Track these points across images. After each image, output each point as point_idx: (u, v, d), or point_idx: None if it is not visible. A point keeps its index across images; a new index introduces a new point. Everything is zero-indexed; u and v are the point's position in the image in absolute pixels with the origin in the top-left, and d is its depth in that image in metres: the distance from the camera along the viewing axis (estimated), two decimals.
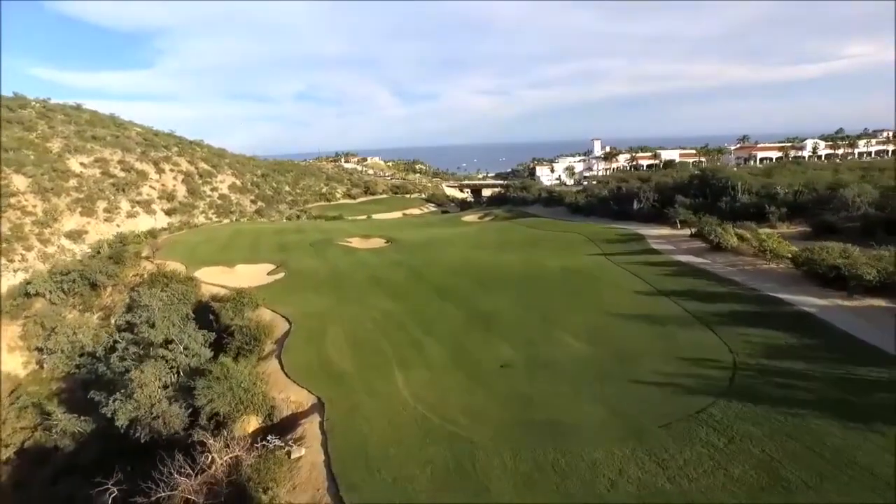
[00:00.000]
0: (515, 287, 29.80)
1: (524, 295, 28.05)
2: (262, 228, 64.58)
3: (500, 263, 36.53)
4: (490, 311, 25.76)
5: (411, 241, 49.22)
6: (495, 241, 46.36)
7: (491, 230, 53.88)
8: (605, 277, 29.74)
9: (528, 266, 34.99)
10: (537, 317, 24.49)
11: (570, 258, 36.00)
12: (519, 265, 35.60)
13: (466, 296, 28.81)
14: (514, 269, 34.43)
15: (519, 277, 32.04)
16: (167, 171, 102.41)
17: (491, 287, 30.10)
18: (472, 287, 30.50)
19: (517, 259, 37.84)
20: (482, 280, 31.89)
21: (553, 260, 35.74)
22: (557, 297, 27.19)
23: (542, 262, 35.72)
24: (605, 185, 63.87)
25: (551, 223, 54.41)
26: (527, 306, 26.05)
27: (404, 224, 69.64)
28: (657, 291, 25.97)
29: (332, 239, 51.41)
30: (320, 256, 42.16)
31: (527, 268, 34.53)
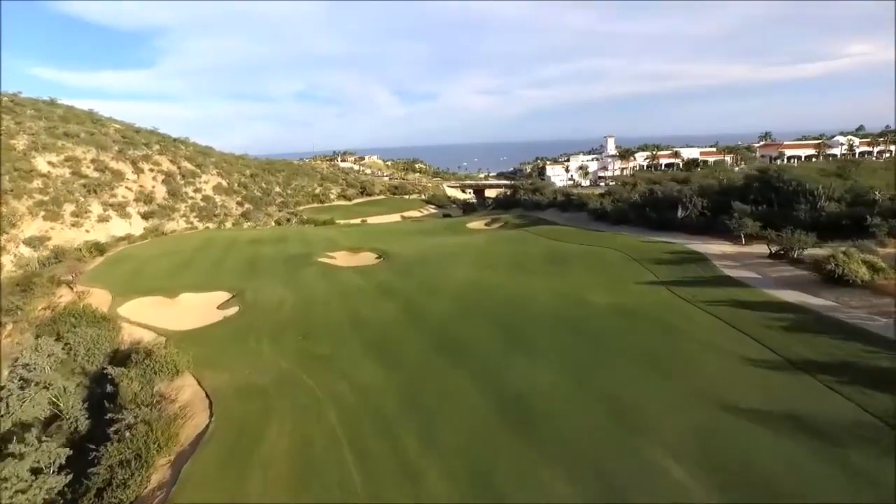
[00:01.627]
0: (554, 340, 20.17)
1: (571, 358, 18.38)
2: (238, 237, 54.96)
3: (524, 294, 26.97)
4: (525, 392, 16.05)
5: (408, 256, 39.69)
6: (510, 258, 36.82)
7: (502, 241, 44.32)
8: (687, 329, 19.95)
9: (562, 300, 25.40)
10: (602, 410, 14.75)
11: (618, 289, 26.40)
12: (550, 298, 26.02)
13: (485, 356, 19.20)
14: (546, 304, 24.81)
15: (555, 320, 22.45)
16: (146, 171, 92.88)
17: (519, 339, 20.47)
18: (491, 338, 20.90)
19: (544, 287, 28.28)
20: (505, 325, 22.31)
21: (596, 291, 26.11)
22: (624, 364, 17.45)
23: (581, 293, 26.14)
24: (632, 187, 54.27)
25: (574, 233, 44.86)
26: (581, 384, 16.35)
27: (401, 231, 60.05)
28: (786, 363, 16.16)
29: (312, 254, 41.81)
30: (292, 281, 32.57)
31: (562, 303, 24.93)
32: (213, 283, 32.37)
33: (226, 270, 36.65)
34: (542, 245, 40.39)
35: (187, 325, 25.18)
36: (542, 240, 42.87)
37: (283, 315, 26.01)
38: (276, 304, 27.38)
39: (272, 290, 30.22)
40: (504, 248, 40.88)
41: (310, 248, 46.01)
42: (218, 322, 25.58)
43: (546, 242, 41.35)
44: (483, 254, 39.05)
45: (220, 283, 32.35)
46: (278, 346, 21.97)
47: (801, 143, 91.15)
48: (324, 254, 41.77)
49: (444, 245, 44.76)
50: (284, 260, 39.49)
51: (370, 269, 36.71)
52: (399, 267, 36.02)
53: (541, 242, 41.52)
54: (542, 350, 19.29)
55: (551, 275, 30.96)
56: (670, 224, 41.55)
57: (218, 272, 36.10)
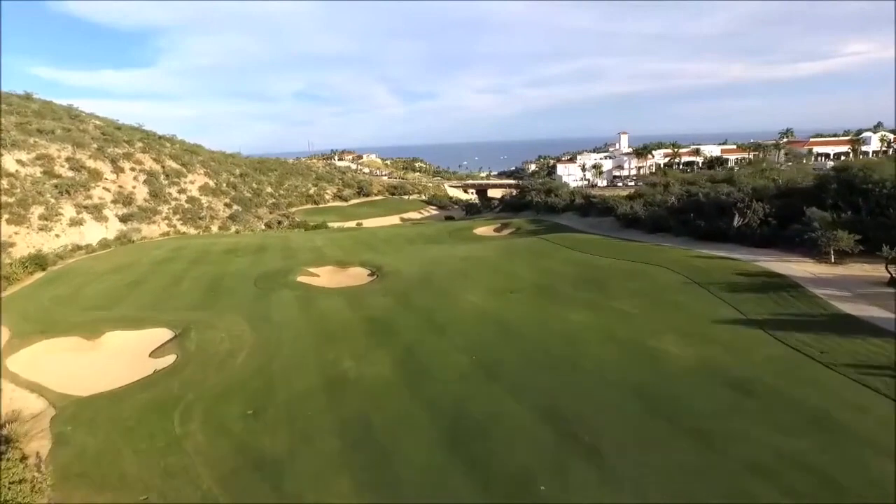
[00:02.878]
0: (633, 432, 12.62)
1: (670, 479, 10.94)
2: (212, 246, 47.31)
3: (564, 337, 19.37)
4: None
5: (407, 273, 32.12)
6: (534, 277, 29.24)
7: (519, 254, 36.71)
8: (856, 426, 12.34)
9: (621, 350, 17.75)
10: None
11: (695, 331, 18.77)
12: (601, 345, 18.46)
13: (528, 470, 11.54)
14: (600, 359, 17.06)
15: (622, 392, 14.75)
16: (127, 170, 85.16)
17: (576, 436, 12.50)
18: (533, 431, 13.10)
19: (588, 323, 20.72)
20: (549, 403, 14.56)
21: (665, 334, 18.49)
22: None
23: (644, 338, 18.53)
24: (663, 188, 46.69)
25: (604, 243, 37.29)
26: None
27: (400, 238, 52.41)
28: None
29: (292, 270, 34.13)
30: (257, 311, 24.92)
31: (623, 356, 17.26)
32: (156, 315, 24.65)
33: (179, 294, 28.98)
34: (569, 259, 32.80)
35: (97, 386, 17.54)
36: (567, 252, 35.27)
37: (233, 371, 18.35)
38: (227, 353, 19.69)
39: (228, 326, 22.52)
40: (523, 263, 33.26)
41: (290, 261, 38.36)
42: (140, 381, 17.92)
43: (573, 256, 33.77)
44: (499, 271, 31.45)
45: (165, 315, 24.62)
46: (212, 434, 14.36)
47: (831, 139, 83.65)
48: (305, 270, 34.07)
49: (449, 257, 37.15)
50: (256, 279, 31.83)
51: (360, 292, 29.05)
52: (397, 290, 28.40)
53: (567, 256, 33.93)
54: (623, 465, 11.64)
55: (593, 305, 23.34)
56: (722, 234, 34.01)
57: (169, 297, 28.39)
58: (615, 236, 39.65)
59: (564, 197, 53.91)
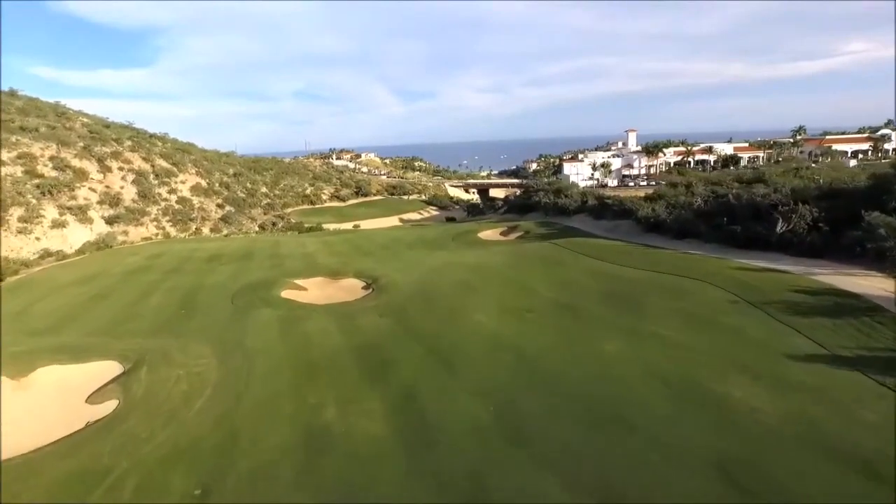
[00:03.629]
0: None
1: None
2: (195, 252, 43.30)
3: (604, 378, 15.34)
4: None
5: (407, 286, 28.15)
6: (552, 291, 25.24)
7: (532, 262, 32.69)
8: None
9: (683, 400, 13.56)
10: None
11: (769, 372, 14.68)
12: (650, 388, 14.47)
13: None
14: (654, 412, 12.92)
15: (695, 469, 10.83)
16: (115, 170, 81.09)
17: None
18: None
19: (627, 356, 16.76)
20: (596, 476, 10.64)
21: (730, 375, 14.61)
22: None
23: (703, 379, 14.60)
24: (685, 188, 42.66)
25: (626, 250, 33.29)
26: None
27: (399, 242, 48.39)
28: None
29: (276, 281, 30.13)
30: (230, 336, 20.89)
31: (685, 411, 13.09)
32: (108, 343, 20.60)
33: (144, 313, 24.95)
34: (590, 270, 28.78)
35: (8, 448, 13.55)
36: (586, 260, 31.26)
37: (185, 424, 14.32)
38: (182, 397, 15.67)
39: (190, 359, 18.50)
40: (537, 273, 29.26)
41: (277, 270, 34.34)
42: (67, 440, 13.93)
43: (594, 265, 29.75)
44: (510, 284, 27.44)
45: (119, 342, 20.58)
46: None
47: (849, 137, 79.64)
48: (292, 282, 30.06)
49: (453, 266, 33.15)
50: (235, 293, 27.80)
51: (353, 310, 25.02)
52: (394, 307, 24.40)
53: (587, 266, 29.91)
54: None
55: (629, 330, 19.33)
56: (762, 241, 29.99)
57: (131, 317, 24.35)
58: (637, 242, 35.65)
59: (576, 198, 49.85)
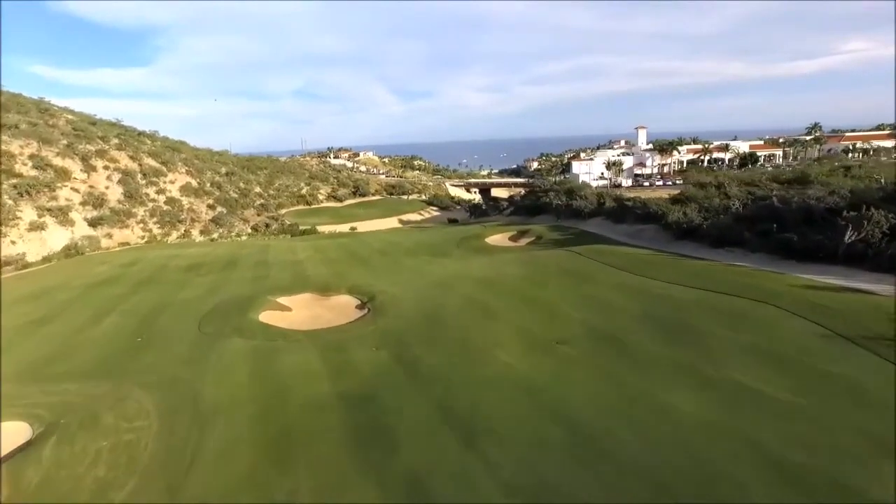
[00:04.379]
0: None
1: None
2: (173, 260, 38.59)
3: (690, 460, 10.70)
4: None
5: (409, 305, 23.53)
6: (584, 314, 20.62)
7: (551, 273, 28.05)
8: None
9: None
10: None
11: None
12: (762, 480, 10.13)
13: None
14: None
15: None
16: (100, 169, 76.39)
17: None
18: None
19: (708, 419, 12.11)
20: None
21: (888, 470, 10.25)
22: None
23: (846, 476, 10.08)
24: (715, 188, 38.07)
25: (661, 262, 28.64)
26: None
27: (399, 248, 43.75)
28: None
29: (256, 298, 25.45)
30: (184, 384, 16.17)
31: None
32: (22, 393, 15.86)
33: (88, 344, 20.25)
34: (624, 286, 24.14)
35: None
36: (616, 274, 26.62)
37: None
38: (93, 491, 11.07)
39: (121, 422, 13.80)
40: (561, 289, 24.63)
41: (261, 284, 29.66)
42: None
43: (628, 280, 25.10)
44: (532, 303, 22.81)
45: (38, 391, 15.85)
46: None
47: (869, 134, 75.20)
48: (274, 301, 25.37)
49: (461, 278, 28.54)
50: (205, 316, 23.10)
51: (344, 338, 20.35)
52: (394, 336, 19.77)
53: (620, 280, 25.27)
54: None
55: (693, 374, 14.70)
56: (824, 252, 25.43)
57: (69, 350, 19.59)
58: (670, 251, 31.03)
59: (591, 199, 45.24)
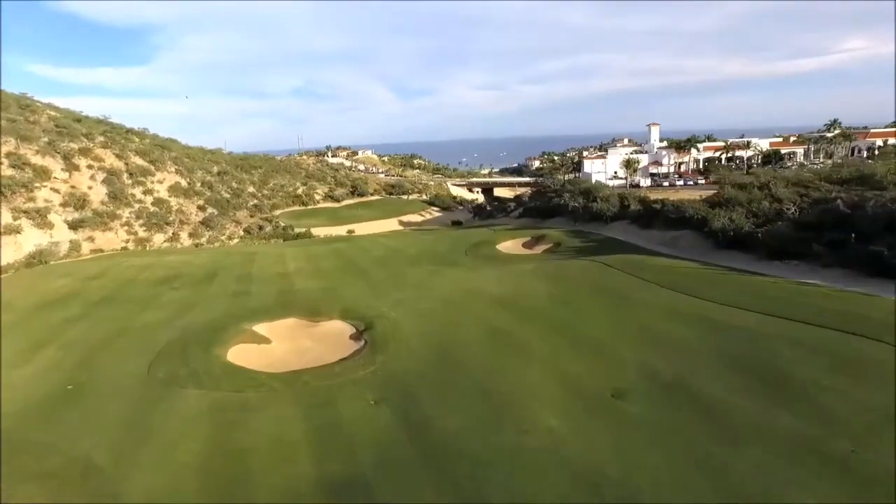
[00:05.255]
0: None
1: None
2: (146, 270, 33.79)
3: None
4: None
5: (414, 336, 18.84)
6: (640, 352, 15.96)
7: (583, 293, 23.33)
8: None
9: None
10: None
11: None
12: None
13: None
14: None
15: None
16: (83, 168, 71.43)
17: None
18: None
19: None
20: None
21: None
22: None
23: None
24: (757, 189, 33.36)
25: (710, 277, 23.91)
26: None
27: (400, 255, 39.01)
28: None
29: (228, 329, 20.72)
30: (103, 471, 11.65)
31: None
32: None
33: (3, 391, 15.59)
34: (676, 311, 19.41)
35: None
36: (662, 293, 21.84)
37: None
38: None
39: None
40: (601, 314, 19.89)
41: (240, 303, 24.87)
42: None
43: (680, 303, 20.37)
44: (568, 334, 18.09)
45: None
46: None
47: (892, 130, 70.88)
48: (251, 330, 20.59)
49: (476, 297, 23.82)
50: (160, 352, 18.36)
51: (333, 385, 15.59)
52: (398, 383, 15.05)
53: (669, 302, 20.53)
54: None
55: (827, 461, 10.16)
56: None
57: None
58: (718, 264, 26.31)
59: (613, 202, 40.55)
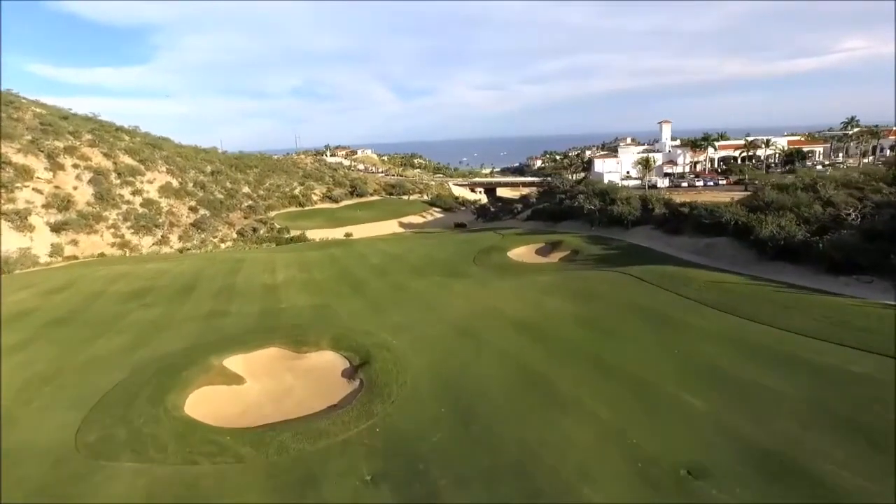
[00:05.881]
0: None
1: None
2: (118, 281, 29.84)
3: None
4: None
5: (420, 371, 15.03)
6: (707, 399, 12.28)
7: (621, 320, 19.45)
8: None
9: None
10: None
11: None
12: None
13: None
14: None
15: None
16: (68, 168, 67.55)
17: None
18: None
19: None
20: None
21: None
22: None
23: None
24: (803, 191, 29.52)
25: (765, 296, 19.91)
26: None
27: (402, 263, 35.08)
28: None
29: (194, 365, 16.81)
30: None
31: None
32: None
33: None
34: (749, 343, 15.50)
35: None
36: (719, 318, 17.94)
37: None
38: None
39: None
40: (655, 351, 15.99)
41: (213, 325, 20.94)
42: None
43: (749, 332, 16.46)
44: (616, 377, 14.23)
45: None
46: None
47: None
48: (219, 364, 16.68)
49: (492, 318, 19.93)
50: (98, 403, 14.49)
51: (317, 451, 11.70)
52: (401, 451, 11.12)
53: (738, 332, 16.60)
54: None
55: None
56: None
57: None
58: (770, 278, 22.38)
59: (634, 204, 36.61)
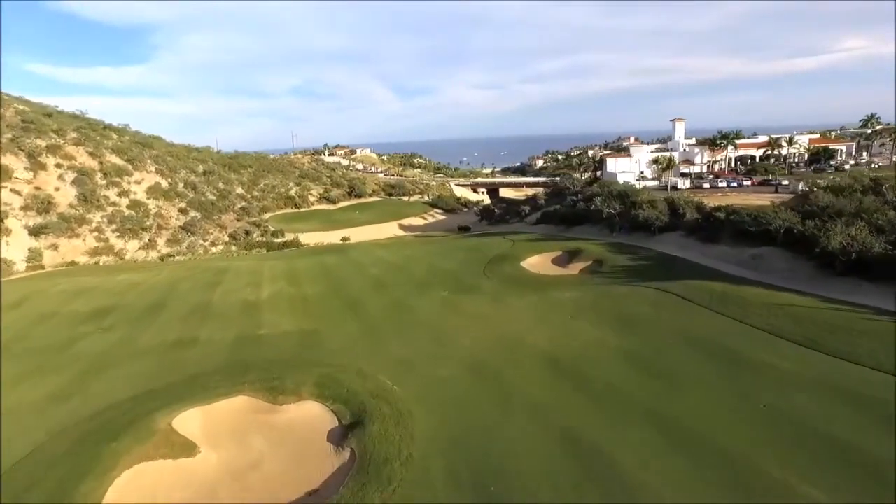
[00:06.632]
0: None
1: None
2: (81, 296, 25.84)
3: None
4: None
5: (429, 431, 11.21)
6: (834, 495, 8.56)
7: (684, 361, 15.60)
8: None
9: None
10: None
11: None
12: None
13: None
14: None
15: None
16: (50, 168, 63.31)
17: None
18: None
19: None
20: None
21: None
22: None
23: None
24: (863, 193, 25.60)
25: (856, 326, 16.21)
26: None
27: (404, 274, 31.06)
28: None
29: (138, 419, 12.86)
30: None
31: None
32: None
33: None
34: (863, 393, 11.74)
35: None
36: (823, 363, 14.11)
37: None
38: None
39: None
40: (730, 400, 12.14)
41: (174, 360, 17.00)
42: None
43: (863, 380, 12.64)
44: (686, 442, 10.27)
45: None
46: None
47: None
48: (167, 426, 12.67)
49: (517, 351, 16.02)
50: None
51: None
52: None
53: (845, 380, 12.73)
54: None
55: None
56: None
57: None
58: (849, 301, 18.43)
59: (661, 208, 32.63)
